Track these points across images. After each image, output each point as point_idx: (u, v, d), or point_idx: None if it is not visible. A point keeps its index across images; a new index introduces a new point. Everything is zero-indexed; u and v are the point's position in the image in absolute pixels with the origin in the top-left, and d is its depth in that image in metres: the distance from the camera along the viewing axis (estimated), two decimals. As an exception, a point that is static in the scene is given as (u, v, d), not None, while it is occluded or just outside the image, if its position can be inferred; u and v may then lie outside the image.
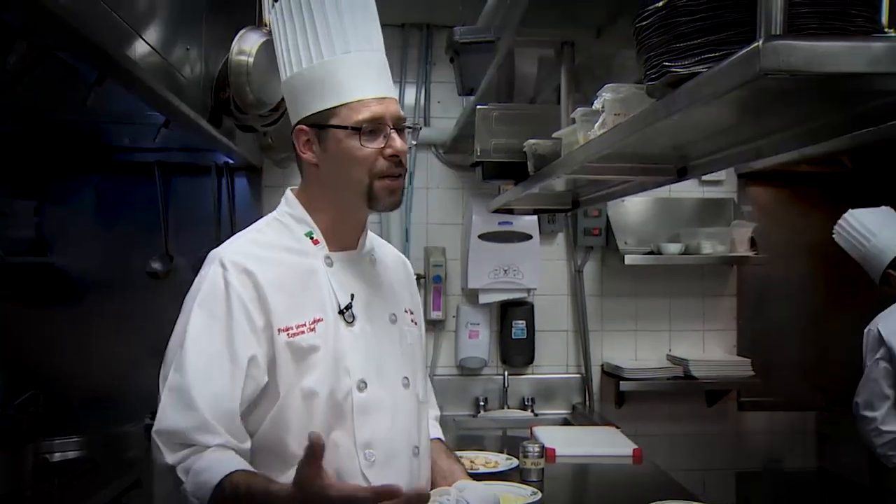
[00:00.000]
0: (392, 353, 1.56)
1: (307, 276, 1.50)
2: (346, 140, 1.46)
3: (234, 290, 1.41)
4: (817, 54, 0.87)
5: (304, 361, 1.44)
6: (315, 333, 1.45)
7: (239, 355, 1.39)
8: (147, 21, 1.90)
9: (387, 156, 1.47)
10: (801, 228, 3.63)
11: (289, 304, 1.45)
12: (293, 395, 1.43)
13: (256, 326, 1.41)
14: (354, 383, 1.47)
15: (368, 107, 1.46)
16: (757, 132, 1.45)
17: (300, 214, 1.55)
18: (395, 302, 1.63)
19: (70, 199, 3.29)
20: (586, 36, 1.97)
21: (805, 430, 3.69)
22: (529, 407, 3.56)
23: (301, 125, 1.50)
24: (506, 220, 3.40)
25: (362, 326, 1.51)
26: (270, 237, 1.54)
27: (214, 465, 1.30)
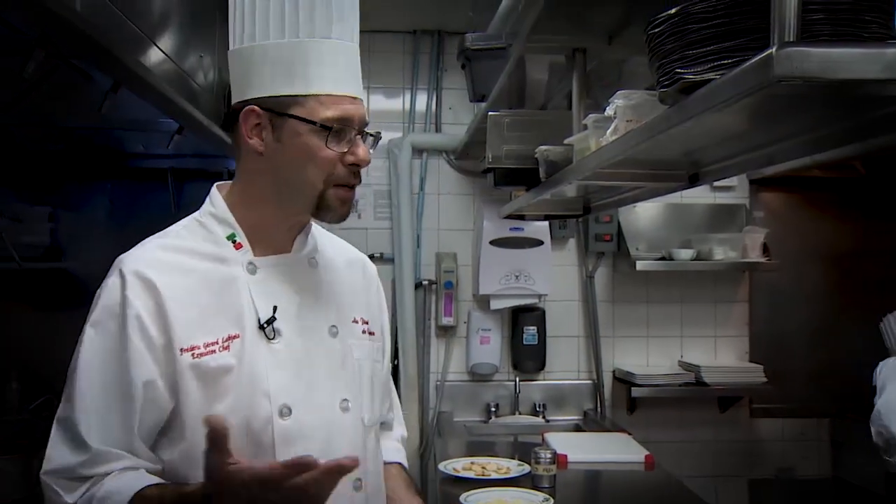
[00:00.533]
0: (328, 372, 1.36)
1: (224, 286, 1.31)
2: (307, 135, 1.28)
3: (131, 306, 1.23)
4: (831, 61, 0.87)
5: (214, 385, 1.25)
6: (228, 352, 1.27)
7: (134, 382, 1.22)
8: (161, 29, 1.92)
9: (347, 163, 1.31)
10: (814, 234, 3.62)
11: (197, 320, 1.26)
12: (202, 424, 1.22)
13: (155, 346, 1.23)
14: (275, 409, 1.27)
15: (340, 104, 1.29)
16: (769, 138, 1.45)
17: (222, 214, 1.36)
18: (340, 311, 1.42)
19: (84, 206, 3.32)
20: (598, 43, 1.97)
21: (818, 437, 3.67)
22: (541, 413, 3.55)
23: (252, 105, 1.29)
24: (517, 226, 3.40)
25: (289, 342, 1.32)
26: (184, 241, 1.35)
27: (121, 488, 1.17)
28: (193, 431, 1.23)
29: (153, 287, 1.25)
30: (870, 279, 3.57)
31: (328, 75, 1.30)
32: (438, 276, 3.56)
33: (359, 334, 1.45)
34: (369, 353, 1.46)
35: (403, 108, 3.64)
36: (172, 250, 1.33)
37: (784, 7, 0.90)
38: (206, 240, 1.35)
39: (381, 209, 3.62)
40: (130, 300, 1.24)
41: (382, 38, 3.56)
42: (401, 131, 3.62)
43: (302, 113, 1.28)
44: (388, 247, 3.55)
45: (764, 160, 1.52)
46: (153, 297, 1.25)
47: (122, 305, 1.24)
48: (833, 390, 3.58)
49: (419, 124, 3.64)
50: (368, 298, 1.53)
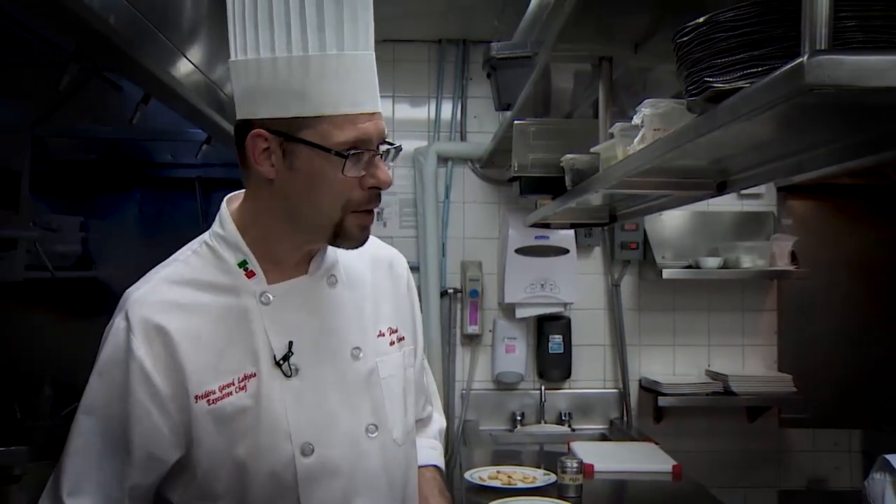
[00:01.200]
0: (351, 399, 1.29)
1: (237, 321, 1.22)
2: (320, 162, 1.16)
3: (135, 357, 1.16)
4: (864, 68, 0.86)
5: (231, 427, 1.19)
6: (245, 393, 1.20)
7: (134, 441, 1.17)
8: (190, 40, 1.94)
9: (366, 186, 1.19)
10: (844, 242, 3.57)
11: (210, 363, 1.19)
12: (222, 467, 1.20)
13: (161, 397, 1.17)
14: (297, 449, 1.21)
15: (355, 124, 1.16)
16: (799, 146, 1.43)
17: (232, 238, 1.25)
18: (363, 329, 1.33)
19: (114, 215, 3.37)
20: (624, 51, 1.96)
21: (850, 448, 3.61)
22: (566, 422, 3.53)
23: (260, 129, 1.17)
24: (542, 235, 3.39)
25: (307, 375, 1.24)
26: (194, 271, 1.24)
27: None
28: (206, 474, 1.20)
29: (163, 333, 1.17)
30: (901, 287, 3.51)
31: (342, 93, 1.16)
32: (464, 285, 3.57)
33: (385, 348, 1.36)
34: (399, 363, 1.38)
35: (429, 117, 3.65)
36: (181, 284, 1.23)
37: (815, 14, 0.89)
38: (216, 268, 1.25)
39: (406, 218, 3.63)
40: (134, 350, 1.16)
41: (407, 48, 3.58)
42: (426, 140, 3.63)
43: (314, 138, 1.15)
44: (413, 255, 3.56)
45: (793, 168, 1.51)
46: (163, 344, 1.17)
47: (126, 354, 1.17)
48: (865, 401, 3.52)
49: (444, 133, 3.65)
50: (396, 300, 1.43)
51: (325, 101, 1.15)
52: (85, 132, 2.61)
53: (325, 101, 1.15)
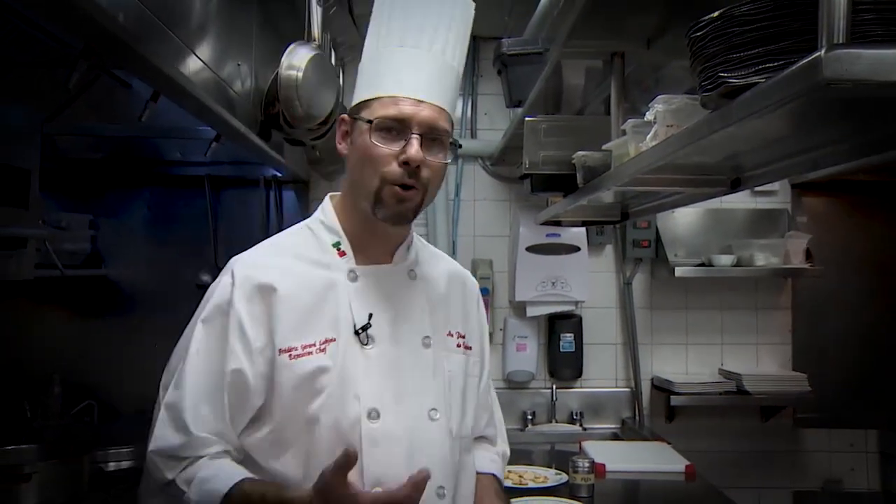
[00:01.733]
0: (418, 381, 1.41)
1: (325, 291, 1.39)
2: (365, 134, 1.36)
3: (235, 309, 1.33)
4: (883, 63, 0.84)
5: (308, 384, 1.33)
6: (325, 354, 1.34)
7: (227, 377, 1.33)
8: (200, 38, 1.94)
9: (400, 161, 1.35)
10: (859, 239, 3.53)
11: (298, 322, 1.35)
12: (294, 420, 1.33)
13: (252, 347, 1.33)
14: (364, 412, 1.34)
15: (397, 105, 1.35)
16: (815, 142, 1.41)
17: (330, 222, 1.46)
18: (435, 324, 1.48)
19: (123, 213, 3.37)
20: (636, 47, 1.94)
21: (867, 448, 3.57)
22: (578, 421, 3.51)
23: (344, 114, 1.44)
24: (553, 232, 3.37)
25: (382, 349, 1.38)
26: (295, 245, 1.45)
27: (220, 474, 1.27)
28: (278, 423, 1.33)
29: (261, 290, 1.34)
30: (918, 286, 3.47)
31: (392, 78, 1.36)
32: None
33: (453, 347, 1.50)
34: (463, 366, 1.51)
35: (439, 115, 3.62)
36: (282, 254, 1.42)
37: (833, 7, 0.87)
38: (313, 246, 1.44)
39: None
40: (235, 303, 1.33)
41: (418, 45, 3.56)
42: (436, 137, 3.61)
43: (366, 114, 1.36)
44: (423, 253, 3.54)
45: (809, 165, 1.48)
46: (260, 300, 1.34)
47: (229, 306, 1.34)
48: (882, 400, 3.48)
49: (455, 130, 3.62)
50: (467, 314, 1.58)
51: (379, 84, 1.37)
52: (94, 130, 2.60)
53: (379, 84, 1.37)
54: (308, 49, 2.42)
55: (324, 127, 2.62)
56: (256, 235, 3.31)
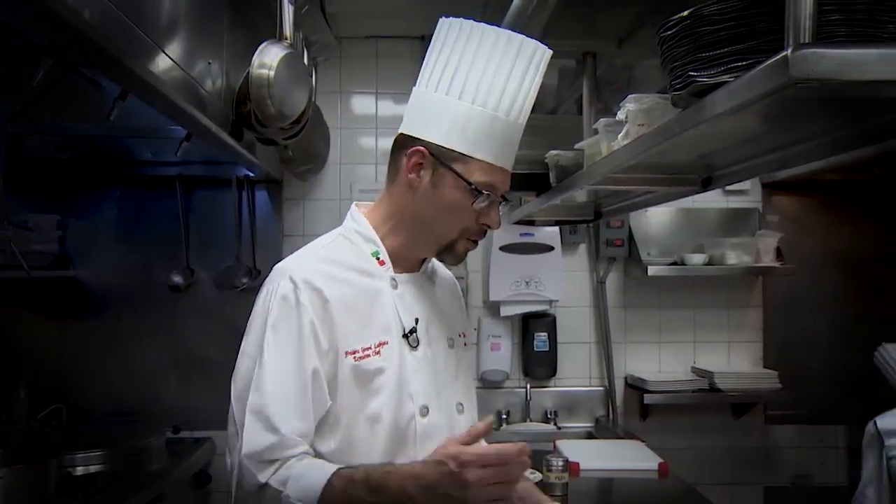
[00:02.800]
0: (449, 379, 1.55)
1: (373, 297, 1.48)
2: (459, 191, 1.45)
3: (305, 310, 1.39)
4: (848, 62, 0.85)
5: (368, 385, 1.42)
6: (380, 357, 1.44)
7: (307, 376, 1.38)
8: (169, 35, 1.91)
9: (480, 222, 1.49)
10: (829, 238, 3.58)
11: (356, 326, 1.43)
12: (358, 420, 1.41)
13: (321, 348, 1.39)
14: (417, 409, 1.46)
15: (493, 173, 1.46)
16: (784, 141, 1.43)
17: (368, 233, 1.53)
18: (452, 325, 1.61)
19: (92, 213, 3.32)
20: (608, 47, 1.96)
21: (836, 444, 3.62)
22: (552, 420, 3.52)
23: (422, 146, 1.46)
24: (527, 232, 3.38)
25: (424, 351, 1.50)
26: (338, 254, 1.51)
27: (314, 468, 1.32)
28: (346, 425, 1.41)
29: (321, 294, 1.40)
30: (886, 283, 3.52)
31: (497, 148, 1.46)
32: (448, 283, 3.55)
33: (463, 345, 1.64)
34: (472, 362, 1.69)
35: (412, 114, 3.62)
36: (329, 262, 1.47)
37: (799, 8, 0.88)
38: (354, 254, 1.51)
39: (390, 215, 3.60)
40: (305, 306, 1.39)
41: (391, 44, 3.55)
42: (410, 137, 3.60)
43: (463, 171, 1.44)
44: (397, 253, 3.53)
45: (779, 163, 1.50)
46: (321, 304, 1.40)
47: (298, 310, 1.39)
48: (850, 396, 3.53)
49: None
50: (462, 314, 1.72)
51: (481, 147, 1.45)
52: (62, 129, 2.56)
53: (481, 147, 1.45)
54: (280, 48, 2.41)
55: (296, 126, 2.60)
56: (229, 236, 3.31)
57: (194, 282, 3.29)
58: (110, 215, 3.34)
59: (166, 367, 3.27)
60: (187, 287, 3.29)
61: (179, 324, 3.32)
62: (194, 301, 3.33)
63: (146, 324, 3.29)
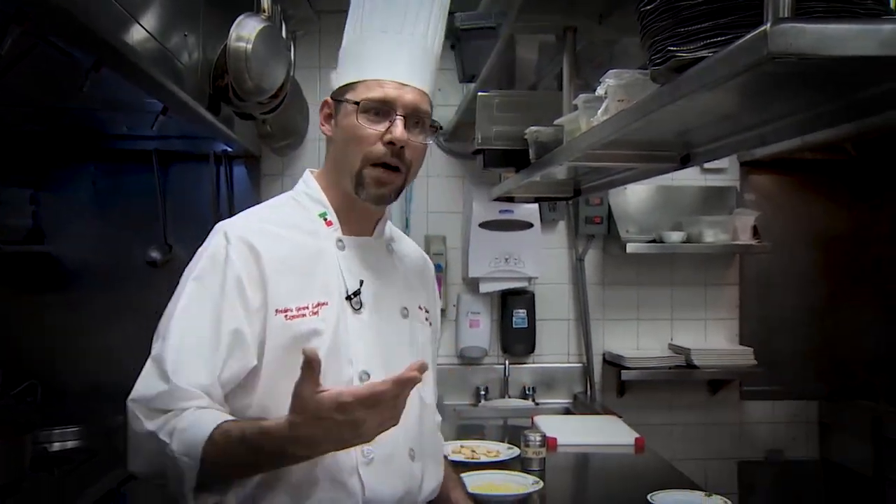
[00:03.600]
0: (399, 348, 1.48)
1: (316, 257, 1.43)
2: (350, 116, 1.41)
3: (232, 266, 1.35)
4: (826, 37, 0.85)
5: (301, 345, 1.28)
6: (318, 317, 1.38)
7: (224, 333, 1.32)
8: (144, 7, 1.88)
9: (385, 141, 1.40)
10: (805, 217, 3.62)
11: (292, 285, 1.38)
12: (286, 382, 1.24)
13: (250, 306, 1.34)
14: (356, 374, 1.39)
15: (382, 87, 1.41)
16: (762, 118, 1.43)
17: (315, 194, 1.50)
18: (410, 296, 1.56)
19: (67, 188, 3.28)
20: (588, 22, 1.94)
21: (807, 419, 3.67)
22: (530, 396, 3.55)
23: (328, 97, 1.49)
24: (506, 209, 3.38)
25: (370, 315, 1.44)
26: (283, 214, 1.48)
27: (201, 421, 1.24)
28: (265, 389, 1.34)
29: (254, 251, 1.36)
30: (860, 261, 3.57)
31: (377, 63, 1.43)
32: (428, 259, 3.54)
33: (422, 319, 1.58)
34: (429, 339, 1.60)
35: (392, 90, 3.59)
36: (271, 221, 1.45)
37: (779, -18, 0.88)
38: (300, 215, 1.48)
39: (369, 192, 3.59)
40: (233, 260, 1.35)
41: (371, 19, 3.51)
42: (390, 113, 3.57)
43: (351, 96, 1.41)
44: (377, 230, 3.52)
45: (756, 140, 1.51)
46: (254, 261, 1.35)
47: (225, 264, 1.35)
48: (823, 373, 3.59)
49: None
50: (428, 293, 1.66)
51: (364, 68, 1.43)
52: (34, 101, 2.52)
53: (364, 68, 1.43)
54: (257, 21, 2.38)
55: (274, 101, 2.57)
56: (206, 211, 3.27)
57: (172, 257, 3.26)
58: (85, 190, 3.29)
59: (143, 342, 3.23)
60: (165, 263, 3.25)
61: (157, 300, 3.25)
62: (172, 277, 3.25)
63: (123, 300, 3.25)
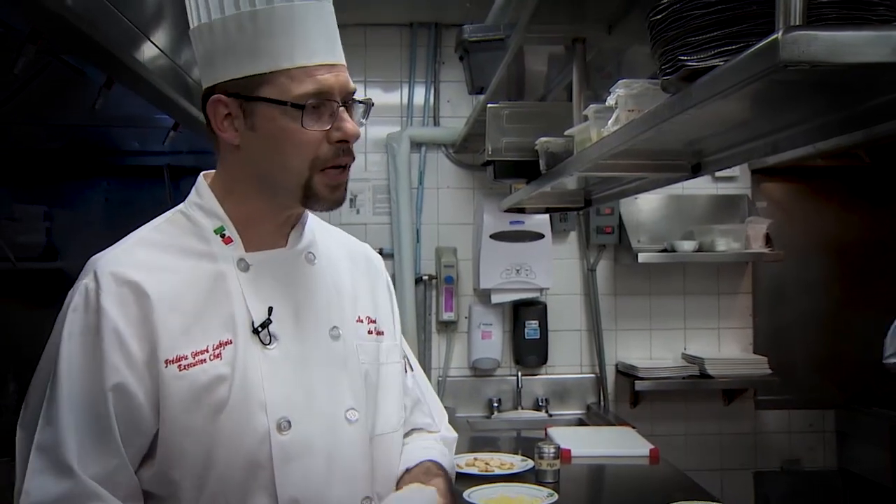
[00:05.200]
0: (331, 379, 1.21)
1: (213, 285, 1.16)
2: (281, 118, 1.12)
3: (106, 317, 1.09)
4: (838, 44, 0.84)
5: (203, 398, 1.11)
6: (221, 361, 1.13)
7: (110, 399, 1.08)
8: (155, 23, 1.89)
9: (333, 140, 1.14)
10: (818, 224, 3.60)
11: (185, 326, 1.12)
12: (185, 448, 1.10)
13: (135, 361, 1.09)
14: (273, 423, 1.13)
15: (314, 76, 1.12)
16: (774, 126, 1.43)
17: (210, 206, 1.21)
18: (342, 311, 1.27)
19: (79, 204, 3.29)
20: (598, 32, 1.94)
21: (824, 428, 3.64)
22: (543, 407, 3.53)
23: (218, 94, 1.14)
24: (517, 220, 3.38)
25: (286, 347, 1.17)
26: (169, 236, 1.20)
27: None
28: (166, 454, 1.11)
29: (134, 290, 1.11)
30: (875, 269, 3.54)
31: (296, 44, 1.12)
32: (439, 271, 3.54)
33: (364, 335, 1.29)
34: (377, 355, 1.30)
35: (401, 102, 3.61)
36: (154, 247, 1.18)
37: (789, -10, 0.87)
38: (192, 234, 1.19)
39: (379, 204, 3.60)
40: (106, 310, 1.09)
41: (379, 32, 3.53)
42: (399, 125, 3.59)
43: (272, 93, 1.12)
44: (387, 242, 3.53)
45: (768, 148, 1.50)
46: (134, 302, 1.10)
47: (98, 316, 1.09)
48: (839, 381, 3.56)
49: (417, 118, 3.62)
50: (375, 295, 1.36)
51: (278, 54, 1.11)
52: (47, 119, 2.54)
53: (278, 54, 1.11)
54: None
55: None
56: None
57: (183, 272, 3.27)
58: (98, 206, 3.31)
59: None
60: (176, 277, 3.26)
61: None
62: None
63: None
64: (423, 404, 1.41)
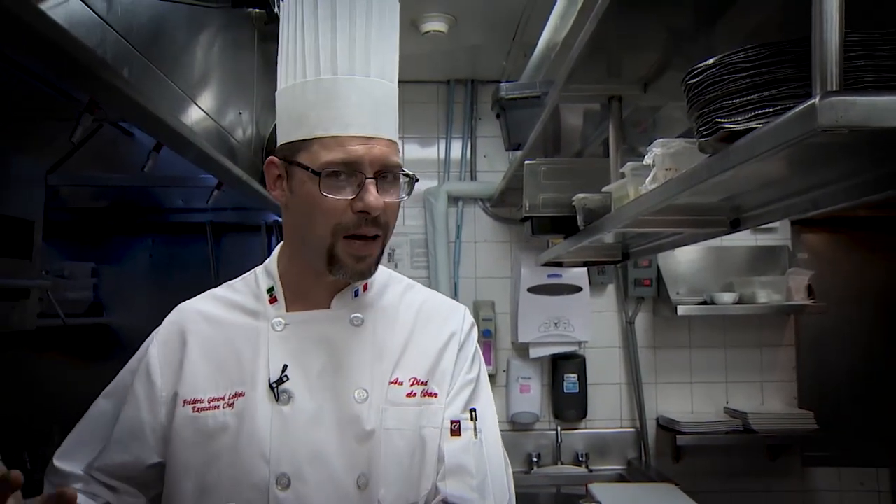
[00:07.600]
0: (345, 443, 1.20)
1: (248, 341, 1.25)
2: (309, 183, 1.17)
3: (149, 358, 1.27)
4: (876, 109, 0.85)
5: (210, 443, 1.19)
6: (231, 410, 1.20)
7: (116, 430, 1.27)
8: (201, 87, 1.96)
9: (356, 210, 1.17)
10: (861, 274, 3.53)
11: (209, 373, 1.23)
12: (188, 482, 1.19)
13: (157, 396, 1.24)
14: (273, 477, 1.16)
15: (344, 146, 1.16)
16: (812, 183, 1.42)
17: (270, 267, 1.33)
18: (378, 374, 1.25)
19: (125, 261, 3.38)
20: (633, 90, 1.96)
21: (879, 488, 3.52)
22: (583, 463, 3.48)
23: (273, 156, 1.24)
24: (555, 273, 3.38)
25: (301, 406, 1.20)
26: (234, 293, 1.34)
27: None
28: (170, 485, 1.23)
29: (180, 335, 1.28)
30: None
31: (332, 115, 1.17)
32: (476, 325, 3.53)
33: (401, 398, 1.25)
34: (414, 419, 1.24)
35: (438, 157, 3.67)
36: (218, 301, 1.34)
37: (826, 55, 0.89)
38: (252, 294, 1.32)
39: (417, 258, 3.63)
40: (150, 351, 1.28)
41: (416, 89, 3.60)
42: (436, 180, 3.64)
43: (305, 159, 1.18)
44: (425, 295, 3.54)
45: (808, 205, 1.49)
46: (178, 346, 1.27)
47: (145, 352, 1.30)
48: (892, 437, 3.45)
49: (454, 173, 3.66)
50: (441, 358, 1.31)
51: (316, 123, 1.18)
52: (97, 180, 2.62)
53: (316, 123, 1.18)
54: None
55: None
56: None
57: (224, 326, 3.31)
58: (143, 262, 3.39)
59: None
60: (218, 331, 3.31)
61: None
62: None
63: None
64: (467, 476, 1.25)
